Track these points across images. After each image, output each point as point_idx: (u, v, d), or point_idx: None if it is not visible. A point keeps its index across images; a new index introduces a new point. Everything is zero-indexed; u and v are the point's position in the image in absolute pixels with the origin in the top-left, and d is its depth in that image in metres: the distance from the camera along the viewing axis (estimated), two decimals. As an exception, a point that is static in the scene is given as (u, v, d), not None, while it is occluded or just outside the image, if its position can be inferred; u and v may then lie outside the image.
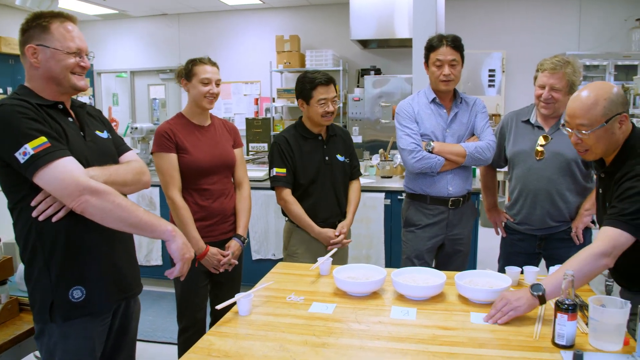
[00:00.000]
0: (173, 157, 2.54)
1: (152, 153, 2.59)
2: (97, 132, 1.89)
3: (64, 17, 1.76)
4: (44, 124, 1.66)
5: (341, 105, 7.98)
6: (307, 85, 2.75)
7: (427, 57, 2.83)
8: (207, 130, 2.67)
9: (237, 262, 2.73)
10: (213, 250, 2.61)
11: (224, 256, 2.64)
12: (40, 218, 1.68)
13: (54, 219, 1.68)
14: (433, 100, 2.86)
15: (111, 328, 1.92)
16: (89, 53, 1.81)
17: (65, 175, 1.61)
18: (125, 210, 1.69)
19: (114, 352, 1.96)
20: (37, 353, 2.12)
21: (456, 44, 2.75)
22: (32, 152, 1.59)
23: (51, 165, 1.60)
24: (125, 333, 1.99)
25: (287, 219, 2.94)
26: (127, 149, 2.00)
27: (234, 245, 2.69)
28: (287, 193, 2.80)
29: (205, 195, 2.62)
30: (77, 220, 1.71)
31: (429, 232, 2.88)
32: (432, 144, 2.79)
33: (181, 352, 2.60)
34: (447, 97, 2.87)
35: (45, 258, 1.72)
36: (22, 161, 1.59)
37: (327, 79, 2.74)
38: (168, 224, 1.81)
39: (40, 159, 1.59)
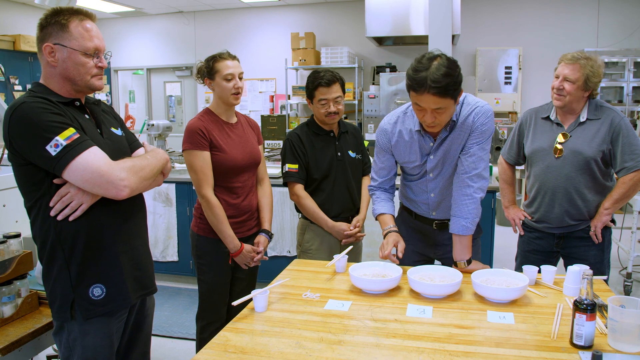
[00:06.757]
0: (207, 154, 2.53)
1: (183, 150, 2.57)
2: (112, 129, 1.90)
3: (83, 14, 1.72)
4: (67, 118, 1.66)
5: (356, 102, 7.97)
6: (309, 85, 2.76)
7: (408, 89, 2.11)
8: (235, 128, 2.67)
9: (267, 258, 2.76)
10: (247, 247, 2.64)
11: (257, 253, 2.67)
12: (59, 217, 1.68)
13: (71, 218, 1.68)
14: (419, 131, 2.30)
15: (127, 324, 1.93)
16: (106, 52, 1.80)
17: (104, 160, 1.64)
18: (151, 165, 1.79)
19: (128, 348, 1.97)
20: (56, 346, 2.14)
21: (442, 89, 1.97)
22: (64, 143, 1.59)
23: (84, 154, 1.61)
24: (140, 329, 2.00)
25: (300, 215, 2.95)
26: (139, 145, 2.01)
27: (263, 240, 2.72)
28: (300, 188, 2.81)
29: (236, 193, 2.63)
30: (95, 219, 1.72)
31: (415, 246, 2.55)
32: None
33: (200, 348, 2.61)
34: None
35: (65, 257, 1.72)
36: (53, 153, 1.58)
37: (330, 80, 2.69)
38: None
39: (74, 149, 1.60)
